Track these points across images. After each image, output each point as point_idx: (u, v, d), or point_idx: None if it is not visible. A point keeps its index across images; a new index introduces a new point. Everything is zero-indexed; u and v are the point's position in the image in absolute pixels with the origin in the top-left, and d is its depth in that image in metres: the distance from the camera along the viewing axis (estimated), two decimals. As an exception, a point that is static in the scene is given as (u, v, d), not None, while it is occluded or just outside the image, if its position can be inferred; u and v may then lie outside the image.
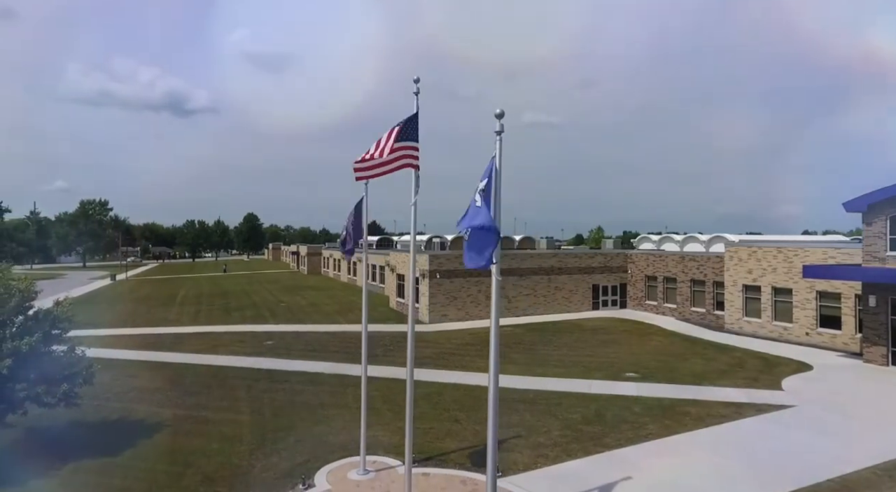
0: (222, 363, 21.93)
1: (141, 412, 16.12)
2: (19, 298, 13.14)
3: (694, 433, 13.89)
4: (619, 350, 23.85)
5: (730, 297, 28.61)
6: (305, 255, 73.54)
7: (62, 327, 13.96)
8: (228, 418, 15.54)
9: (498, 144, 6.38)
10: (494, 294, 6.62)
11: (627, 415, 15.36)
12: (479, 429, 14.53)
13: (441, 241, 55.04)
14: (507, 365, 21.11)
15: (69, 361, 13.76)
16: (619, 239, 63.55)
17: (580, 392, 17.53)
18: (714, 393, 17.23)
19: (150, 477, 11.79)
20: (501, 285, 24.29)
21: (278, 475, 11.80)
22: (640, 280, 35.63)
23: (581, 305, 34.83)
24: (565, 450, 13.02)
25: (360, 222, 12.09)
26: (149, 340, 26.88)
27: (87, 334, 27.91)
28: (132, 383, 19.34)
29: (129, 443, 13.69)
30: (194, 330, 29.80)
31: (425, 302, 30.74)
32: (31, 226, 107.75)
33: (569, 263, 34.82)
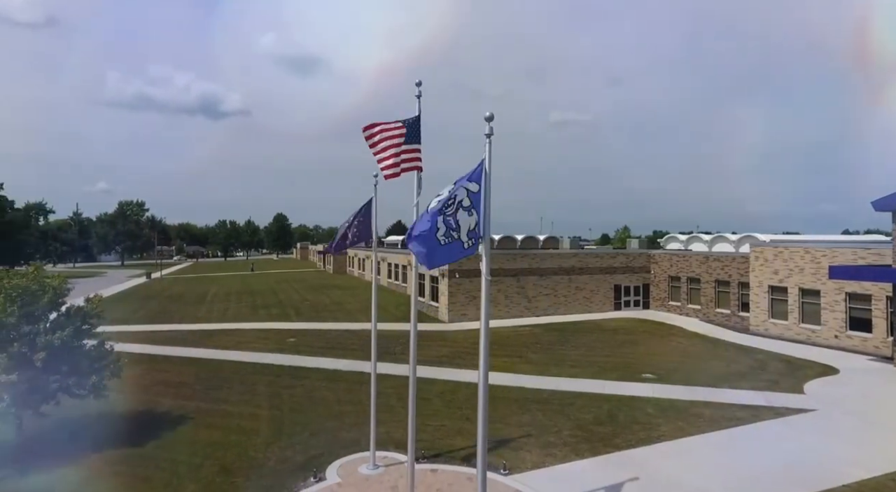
0: (246, 359, 22.61)
1: (166, 405, 16.80)
2: (52, 294, 13.90)
3: (706, 435, 13.74)
4: (637, 351, 23.61)
5: (755, 298, 27.95)
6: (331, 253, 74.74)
7: (92, 323, 14.70)
8: (248, 411, 16.08)
9: (487, 146, 6.53)
10: (484, 293, 6.78)
11: (640, 416, 15.27)
12: (490, 427, 14.60)
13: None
14: (522, 365, 21.19)
15: (98, 354, 14.48)
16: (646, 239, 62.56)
17: (594, 392, 17.48)
18: (731, 396, 16.94)
19: (171, 467, 12.34)
20: (522, 285, 24.26)
21: (292, 468, 12.20)
22: (663, 281, 35.09)
23: (602, 306, 34.52)
24: (574, 450, 13.06)
25: (370, 222, 12.36)
26: (179, 336, 27.85)
27: (121, 330, 29.20)
28: (160, 377, 20.14)
29: (154, 434, 14.33)
30: (222, 327, 30.74)
31: (444, 301, 30.99)
32: (73, 226, 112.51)
33: (590, 263, 34.55)
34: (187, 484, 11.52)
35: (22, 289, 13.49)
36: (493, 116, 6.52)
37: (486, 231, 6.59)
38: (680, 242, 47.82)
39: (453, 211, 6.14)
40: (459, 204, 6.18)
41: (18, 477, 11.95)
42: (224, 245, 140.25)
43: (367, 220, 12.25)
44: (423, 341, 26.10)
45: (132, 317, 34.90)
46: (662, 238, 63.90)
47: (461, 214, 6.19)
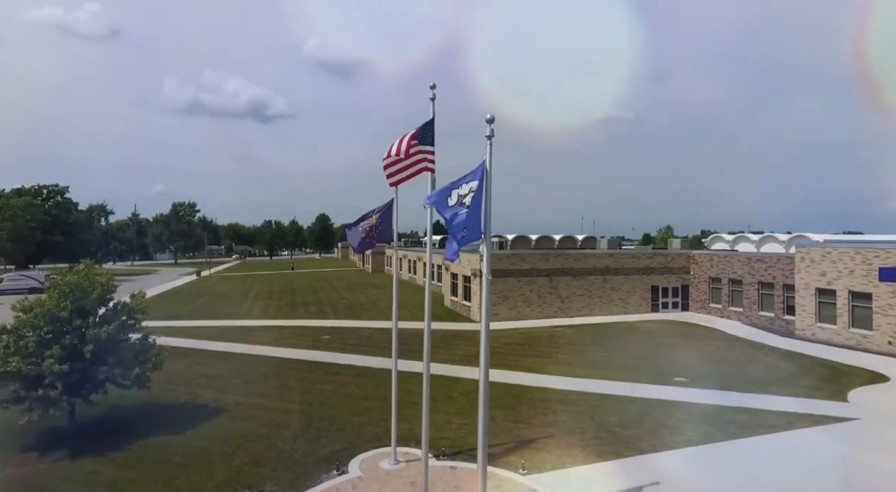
0: (282, 355, 23.43)
1: (205, 397, 17.65)
2: (100, 291, 14.88)
3: (736, 442, 13.35)
4: (671, 354, 23.03)
5: (801, 301, 26.72)
6: (369, 253, 76.03)
7: (136, 318, 15.65)
8: (280, 405, 16.70)
9: (488, 148, 6.65)
10: (485, 291, 6.90)
11: (668, 420, 14.96)
12: (513, 427, 14.75)
13: (500, 240, 55.09)
14: (550, 365, 21.07)
15: (142, 348, 15.42)
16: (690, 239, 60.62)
17: (622, 395, 17.22)
18: (767, 401, 16.34)
19: (206, 455, 13.01)
20: (555, 285, 24.11)
21: (317, 460, 12.64)
22: (703, 282, 33.99)
23: (639, 307, 33.77)
24: (596, 452, 12.95)
25: (390, 222, 12.64)
26: (222, 332, 29.09)
27: (170, 325, 30.78)
28: (201, 370, 21.15)
29: (192, 424, 15.11)
30: (262, 323, 31.91)
31: (476, 301, 31.08)
32: (131, 226, 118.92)
33: (626, 264, 33.87)
34: (219, 472, 12.14)
35: (74, 285, 14.52)
36: (493, 119, 6.64)
37: (487, 230, 6.72)
38: (726, 242, 46.12)
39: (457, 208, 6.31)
40: (462, 202, 6.34)
41: (71, 460, 12.89)
42: (269, 245, 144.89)
43: (388, 220, 12.54)
44: (452, 340, 26.35)
45: (181, 313, 36.67)
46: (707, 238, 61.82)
47: (462, 211, 6.35)
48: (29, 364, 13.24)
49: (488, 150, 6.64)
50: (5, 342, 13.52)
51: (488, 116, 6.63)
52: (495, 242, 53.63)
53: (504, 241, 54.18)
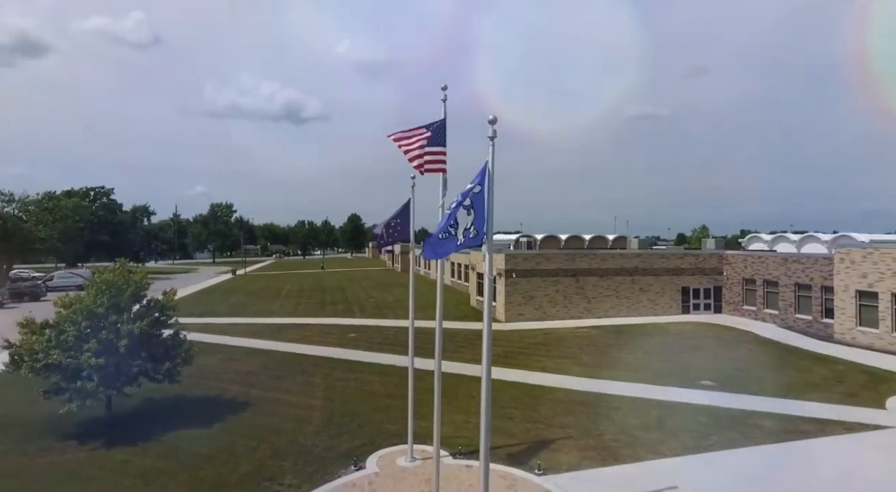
0: (308, 352, 23.96)
1: (233, 392, 18.24)
2: (134, 288, 15.56)
3: (760, 448, 12.99)
4: (699, 357, 22.50)
5: (840, 304, 25.65)
6: (399, 253, 76.77)
7: (168, 314, 16.31)
8: (303, 401, 17.12)
9: (491, 149, 6.71)
10: (486, 293, 6.97)
11: (690, 424, 14.66)
12: (531, 427, 14.73)
13: (528, 240, 54.76)
14: (573, 366, 20.90)
15: (173, 343, 16.08)
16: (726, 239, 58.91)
17: (645, 398, 16.95)
18: (798, 407, 15.80)
19: (231, 448, 13.48)
20: (581, 285, 23.87)
21: (336, 456, 12.94)
22: (736, 283, 32.99)
23: (669, 309, 33.04)
24: (614, 454, 12.82)
25: (408, 221, 12.81)
26: (252, 329, 29.95)
27: (205, 322, 31.86)
28: (231, 366, 21.84)
29: (219, 418, 15.65)
30: (291, 321, 32.67)
31: (501, 301, 31.02)
32: (172, 226, 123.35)
33: (655, 264, 33.18)
34: (243, 464, 12.56)
35: (110, 283, 15.24)
36: (496, 119, 6.70)
37: (489, 231, 6.78)
38: (764, 242, 44.67)
39: (454, 208, 6.40)
40: (461, 203, 6.43)
41: (106, 449, 13.56)
42: (302, 244, 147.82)
43: (405, 219, 12.72)
44: (476, 340, 26.35)
45: (216, 310, 37.88)
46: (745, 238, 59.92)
47: (461, 212, 6.44)
48: (68, 357, 13.97)
49: (491, 151, 6.70)
50: (47, 336, 14.29)
51: (490, 117, 6.69)
52: (524, 241, 53.43)
53: (532, 240, 53.87)
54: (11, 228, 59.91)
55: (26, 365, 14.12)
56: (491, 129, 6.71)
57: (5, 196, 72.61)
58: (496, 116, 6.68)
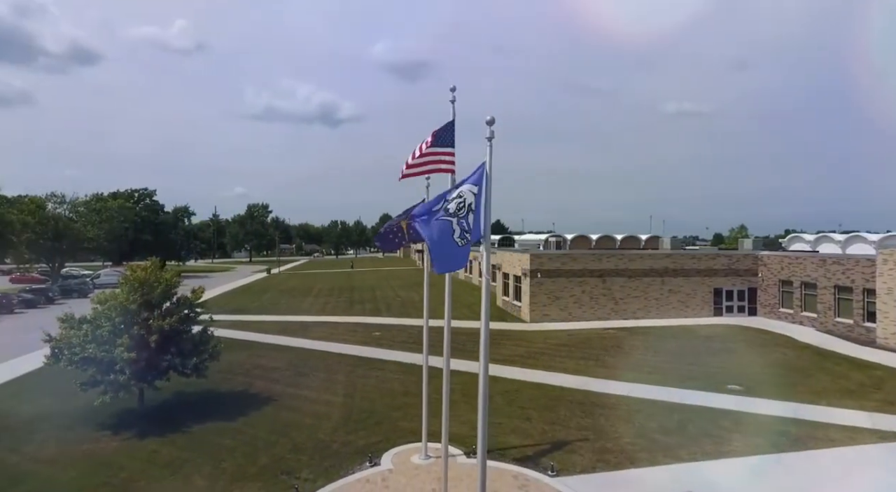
0: (333, 350, 24.42)
1: (259, 387, 18.78)
2: (164, 286, 16.21)
3: (784, 455, 12.56)
4: (729, 360, 21.85)
5: (883, 307, 24.44)
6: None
7: (196, 311, 16.93)
8: (324, 398, 17.49)
9: (489, 150, 6.75)
10: (484, 292, 7.02)
11: (713, 429, 14.29)
12: (548, 428, 14.65)
13: (557, 239, 54.19)
14: (596, 368, 20.63)
15: (200, 340, 16.68)
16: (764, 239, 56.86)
17: (667, 401, 16.60)
18: (830, 414, 15.19)
19: (252, 441, 13.91)
20: (608, 286, 23.66)
21: (352, 452, 13.18)
22: (772, 285, 31.83)
23: (700, 311, 32.16)
24: (630, 457, 12.64)
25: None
26: (281, 327, 30.70)
27: (237, 319, 32.86)
28: (259, 362, 22.47)
29: (244, 412, 16.15)
30: (319, 319, 33.34)
31: (526, 301, 30.84)
32: (211, 226, 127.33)
33: (686, 265, 32.34)
34: (262, 457, 12.95)
35: (142, 281, 15.93)
36: (493, 120, 6.74)
37: (487, 231, 6.82)
38: (806, 242, 42.90)
39: (465, 214, 6.44)
40: (469, 207, 6.47)
41: (138, 439, 14.20)
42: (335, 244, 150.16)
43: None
44: (499, 340, 26.31)
45: (248, 307, 39.00)
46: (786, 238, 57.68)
47: (471, 216, 6.47)
48: (103, 351, 14.69)
49: (488, 152, 6.74)
50: (84, 331, 15.06)
51: (488, 118, 6.73)
52: (552, 241, 52.91)
53: (561, 240, 53.30)
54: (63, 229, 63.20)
55: (65, 358, 14.92)
56: (489, 129, 6.75)
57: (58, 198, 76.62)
58: (493, 117, 6.71)
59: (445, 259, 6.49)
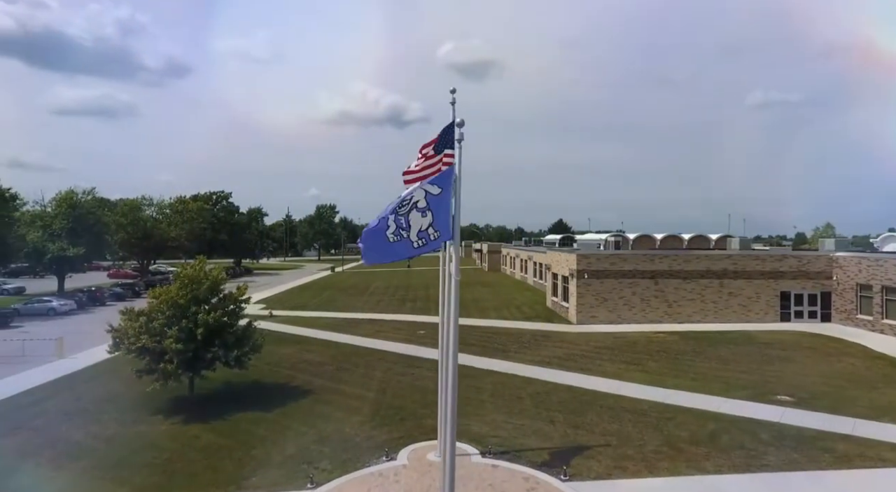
0: (376, 347, 25.13)
1: (299, 380, 19.73)
2: (210, 283, 17.43)
3: (822, 474, 11.61)
4: (785, 369, 20.32)
5: (976, 315, 21.75)
6: (486, 252, 77.07)
7: (241, 306, 18.06)
8: (358, 392, 18.10)
9: (458, 152, 6.82)
10: (453, 291, 7.09)
11: (748, 441, 13.44)
12: (571, 432, 14.39)
13: (617, 239, 52.40)
14: (635, 373, 19.91)
15: (243, 334, 17.77)
16: (852, 239, 52.03)
17: (705, 409, 15.77)
18: (886, 431, 13.83)
19: (283, 431, 14.70)
20: (661, 288, 22.82)
21: (373, 446, 13.61)
22: (849, 289, 29.12)
23: (764, 315, 30.01)
24: (650, 466, 12.18)
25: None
26: (333, 323, 31.94)
27: (295, 315, 34.57)
28: (304, 356, 23.57)
29: (282, 403, 17.06)
30: (369, 316, 34.35)
31: (573, 302, 30.14)
32: (283, 226, 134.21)
33: (748, 267, 30.26)
34: (289, 447, 13.67)
35: (191, 277, 17.23)
36: (463, 123, 6.81)
37: (456, 232, 6.89)
38: (900, 242, 38.85)
39: (406, 211, 6.57)
40: (414, 205, 6.59)
41: (183, 424, 15.42)
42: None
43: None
44: (542, 341, 25.98)
45: (307, 304, 40.89)
46: (878, 237, 52.44)
47: (413, 214, 6.59)
48: (154, 342, 16.05)
49: (457, 153, 6.82)
50: (140, 323, 16.52)
51: (458, 120, 6.81)
52: (611, 241, 51.24)
53: (621, 240, 51.51)
54: (150, 229, 69.13)
55: (124, 347, 16.44)
56: (458, 131, 6.82)
57: (147, 201, 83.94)
58: (463, 120, 6.78)
59: (373, 252, 6.67)
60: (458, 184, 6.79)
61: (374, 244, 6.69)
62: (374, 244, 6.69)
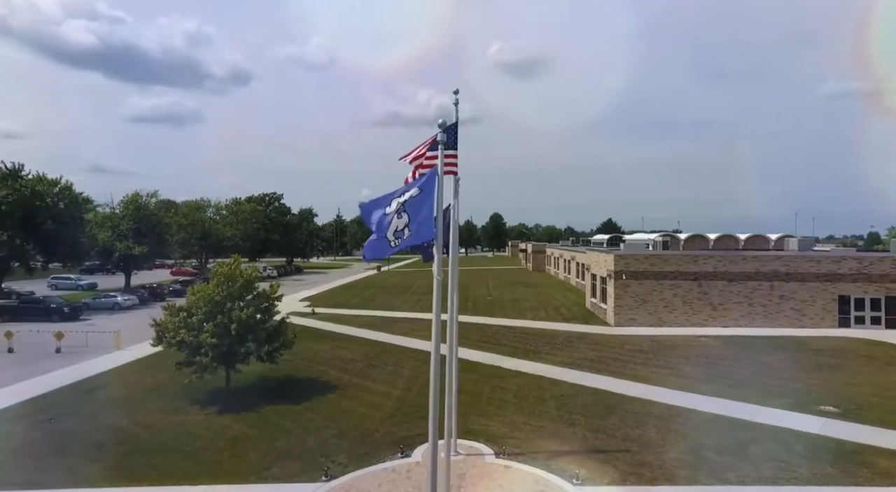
0: (407, 345, 25.46)
1: (330, 376, 20.29)
2: (244, 281, 18.22)
3: (857, 490, 10.83)
4: (834, 378, 19.03)
5: None
6: (530, 252, 76.25)
7: (272, 304, 18.77)
8: (383, 389, 18.43)
9: (440, 153, 6.88)
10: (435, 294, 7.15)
11: (780, 452, 12.72)
12: (590, 436, 14.10)
13: (665, 239, 50.54)
14: (668, 378, 19.22)
15: (275, 330, 18.48)
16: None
17: (737, 418, 15.04)
18: (941, 449, 12.70)
19: (308, 425, 15.19)
20: (704, 290, 22.10)
21: (390, 442, 13.84)
22: (916, 293, 26.87)
23: (820, 320, 28.14)
24: (668, 474, 11.77)
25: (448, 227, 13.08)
26: (370, 321, 32.60)
27: (335, 313, 35.52)
28: (339, 353, 24.19)
29: (310, 397, 17.62)
30: (406, 315, 34.80)
31: (611, 304, 29.36)
32: (333, 226, 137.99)
33: (801, 268, 28.47)
34: (309, 439, 14.12)
35: (226, 275, 18.09)
36: (445, 123, 6.86)
37: (439, 233, 6.95)
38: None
39: (395, 211, 6.70)
40: (403, 206, 6.70)
41: (217, 415, 16.21)
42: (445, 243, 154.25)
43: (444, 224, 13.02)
44: (574, 342, 25.50)
45: (349, 302, 41.92)
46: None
47: (402, 215, 6.70)
48: (191, 336, 16.96)
49: (440, 154, 6.88)
50: (180, 318, 17.50)
51: (440, 121, 6.87)
52: (659, 241, 49.51)
53: (668, 240, 49.68)
54: (208, 229, 72.92)
55: (165, 340, 17.47)
56: (440, 133, 6.89)
57: (205, 203, 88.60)
58: (445, 120, 6.84)
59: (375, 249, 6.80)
60: (441, 185, 6.85)
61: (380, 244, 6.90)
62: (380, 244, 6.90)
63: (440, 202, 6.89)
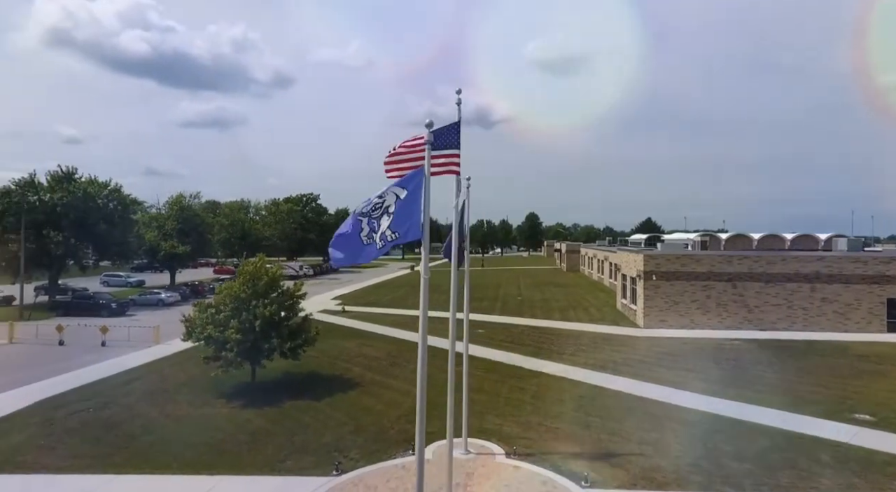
0: (432, 344, 25.22)
1: (353, 373, 20.66)
2: (268, 279, 18.78)
3: (883, 503, 10.25)
4: (874, 385, 18.02)
5: None
6: (564, 252, 75.21)
7: (296, 302, 19.28)
8: (403, 388, 18.63)
9: (426, 153, 6.96)
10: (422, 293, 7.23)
11: (803, 461, 12.19)
12: (605, 438, 13.89)
13: (704, 239, 48.92)
14: (693, 381, 18.67)
15: (299, 328, 18.96)
16: None
17: (761, 424, 14.48)
18: (984, 463, 11.87)
19: (326, 420, 15.54)
20: (740, 292, 21.56)
21: (403, 440, 14.03)
22: (973, 296, 25.08)
23: (866, 324, 26.65)
24: (681, 480, 11.48)
25: (463, 227, 13.13)
26: (397, 320, 32.96)
27: (365, 311, 36.09)
28: (363, 351, 24.60)
29: (331, 394, 18.00)
30: (433, 314, 34.68)
31: (641, 305, 28.66)
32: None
33: (844, 270, 27.01)
34: (327, 435, 14.45)
35: (251, 274, 18.70)
36: (432, 123, 6.94)
37: (425, 233, 7.01)
38: None
39: (379, 214, 6.79)
40: (386, 209, 6.79)
41: (241, 409, 16.79)
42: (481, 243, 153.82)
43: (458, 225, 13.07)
44: (600, 344, 25.05)
45: (380, 300, 42.50)
46: None
47: (384, 218, 6.79)
48: (218, 332, 17.62)
49: (426, 154, 6.95)
50: (208, 314, 18.20)
51: (427, 121, 6.94)
52: (698, 241, 47.97)
53: (707, 240, 48.10)
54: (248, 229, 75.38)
55: (194, 336, 18.21)
56: (427, 133, 6.97)
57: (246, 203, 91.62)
58: (432, 121, 6.91)
59: (346, 255, 6.86)
60: (429, 186, 6.92)
61: (347, 247, 6.97)
62: (347, 247, 6.97)
63: (428, 204, 6.96)
